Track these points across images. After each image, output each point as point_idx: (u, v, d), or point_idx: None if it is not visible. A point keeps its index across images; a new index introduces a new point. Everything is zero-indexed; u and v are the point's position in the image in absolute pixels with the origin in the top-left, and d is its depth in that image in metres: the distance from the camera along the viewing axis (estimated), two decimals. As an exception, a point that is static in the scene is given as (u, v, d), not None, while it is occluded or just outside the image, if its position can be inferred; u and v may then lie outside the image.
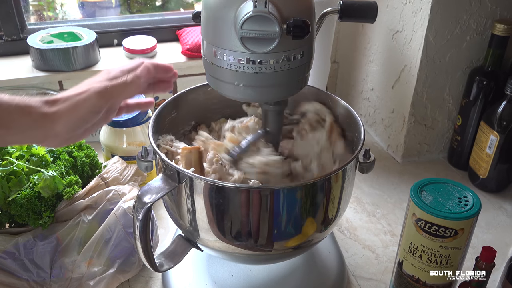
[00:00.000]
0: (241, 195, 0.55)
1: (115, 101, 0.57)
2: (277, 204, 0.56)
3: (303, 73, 0.58)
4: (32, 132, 0.53)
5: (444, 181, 0.67)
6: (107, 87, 0.55)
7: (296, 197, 0.57)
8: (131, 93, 0.58)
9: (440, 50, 0.93)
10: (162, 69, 0.63)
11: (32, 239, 0.72)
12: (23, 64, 1.06)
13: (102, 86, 0.55)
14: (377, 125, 1.12)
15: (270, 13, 0.48)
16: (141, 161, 0.65)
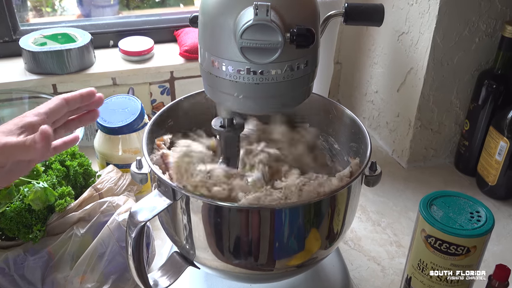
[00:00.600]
0: (241, 215, 0.52)
1: (15, 160, 0.55)
2: (278, 224, 0.53)
3: (308, 83, 0.54)
4: None
5: (455, 194, 0.64)
6: (5, 145, 0.53)
7: (299, 216, 0.53)
8: (30, 157, 0.55)
9: (448, 53, 0.90)
10: (78, 100, 0.61)
11: (22, 253, 0.69)
12: (16, 67, 1.02)
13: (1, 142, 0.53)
14: (381, 129, 1.09)
15: (272, 21, 0.45)
16: (135, 173, 0.62)
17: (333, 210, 0.56)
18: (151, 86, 1.09)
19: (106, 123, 0.82)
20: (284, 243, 0.55)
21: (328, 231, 0.58)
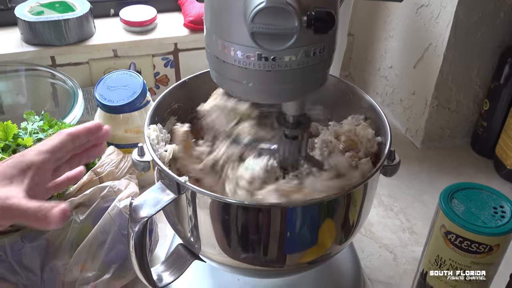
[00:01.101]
0: (250, 213, 0.48)
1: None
2: (291, 222, 0.49)
3: (324, 69, 0.49)
4: None
5: (477, 187, 0.60)
6: (10, 208, 0.47)
7: (313, 215, 0.50)
8: (38, 227, 0.49)
9: (470, 28, 0.84)
10: (84, 135, 0.56)
11: (20, 240, 0.66)
12: (11, 37, 0.97)
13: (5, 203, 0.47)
14: (395, 106, 1.04)
15: (288, 3, 0.40)
16: (137, 161, 0.58)
17: (348, 206, 0.52)
18: (154, 58, 1.03)
19: (106, 101, 0.78)
20: (296, 241, 0.52)
21: (343, 226, 0.54)
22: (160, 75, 1.06)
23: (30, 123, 0.74)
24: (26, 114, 0.75)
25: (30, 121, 0.75)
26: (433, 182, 0.90)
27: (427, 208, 0.84)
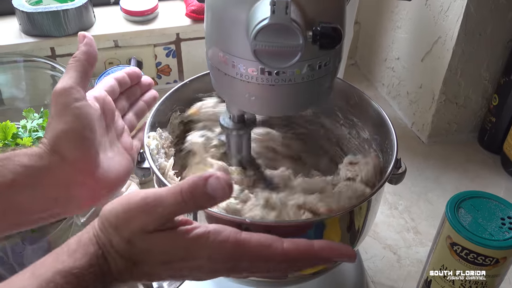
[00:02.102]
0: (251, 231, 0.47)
1: None
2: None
3: (329, 81, 0.48)
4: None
5: (486, 196, 0.58)
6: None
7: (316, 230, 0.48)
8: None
9: (481, 22, 0.81)
10: (127, 77, 0.56)
11: (20, 242, 0.66)
12: (10, 28, 0.95)
13: None
14: (401, 98, 1.02)
15: (292, 20, 0.38)
16: (137, 168, 0.57)
17: (352, 221, 0.51)
18: (156, 48, 1.01)
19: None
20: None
21: (348, 237, 0.53)
22: (162, 65, 1.04)
23: (30, 121, 0.73)
24: (25, 111, 0.73)
25: (29, 119, 0.73)
26: (439, 179, 0.88)
27: (432, 206, 0.83)
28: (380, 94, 1.09)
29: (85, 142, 0.46)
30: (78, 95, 0.46)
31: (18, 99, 0.93)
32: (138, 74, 0.58)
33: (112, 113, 0.53)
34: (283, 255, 0.40)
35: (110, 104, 0.52)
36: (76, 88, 0.46)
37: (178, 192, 0.38)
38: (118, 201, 0.39)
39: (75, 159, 0.45)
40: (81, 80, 0.47)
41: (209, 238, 0.39)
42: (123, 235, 0.38)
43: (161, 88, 1.04)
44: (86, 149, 0.46)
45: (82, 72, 0.47)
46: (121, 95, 0.57)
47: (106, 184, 0.48)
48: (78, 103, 0.46)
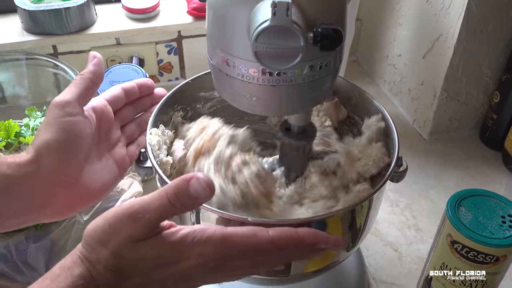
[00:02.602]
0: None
1: None
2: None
3: (331, 81, 0.48)
4: None
5: (486, 194, 0.59)
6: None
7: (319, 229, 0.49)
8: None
9: (483, 20, 0.81)
10: (136, 89, 0.58)
11: (24, 240, 0.66)
12: (12, 26, 0.95)
13: None
14: (402, 95, 1.02)
15: (293, 23, 0.38)
16: (139, 167, 0.57)
17: (353, 219, 0.51)
18: (158, 46, 1.01)
19: (108, 97, 0.76)
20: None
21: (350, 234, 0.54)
22: (164, 63, 1.05)
23: (32, 119, 0.73)
24: (27, 110, 0.74)
25: (32, 117, 0.74)
26: (440, 176, 0.88)
27: (433, 204, 0.83)
28: (381, 91, 1.09)
29: (67, 155, 0.47)
30: (72, 110, 0.48)
31: (21, 97, 0.94)
32: (150, 85, 0.59)
33: (108, 124, 0.54)
34: (269, 243, 0.40)
35: (107, 115, 0.54)
36: (73, 103, 0.48)
37: (164, 195, 0.39)
38: (101, 218, 0.39)
39: (54, 170, 0.46)
40: (81, 96, 0.49)
41: (196, 236, 0.39)
42: (111, 248, 0.38)
43: (163, 85, 1.03)
44: (67, 162, 0.47)
45: (84, 90, 0.49)
46: (128, 105, 0.58)
47: (85, 195, 0.50)
48: (69, 117, 0.47)
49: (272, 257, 0.41)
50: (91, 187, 0.50)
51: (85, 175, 0.49)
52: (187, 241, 0.39)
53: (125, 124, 0.58)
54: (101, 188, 0.51)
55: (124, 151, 0.55)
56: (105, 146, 0.54)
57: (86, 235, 0.39)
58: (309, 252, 0.42)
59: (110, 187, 0.53)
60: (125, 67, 0.80)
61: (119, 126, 0.56)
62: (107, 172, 0.52)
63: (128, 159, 0.55)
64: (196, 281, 0.40)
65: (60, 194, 0.48)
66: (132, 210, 0.38)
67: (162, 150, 0.58)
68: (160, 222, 0.39)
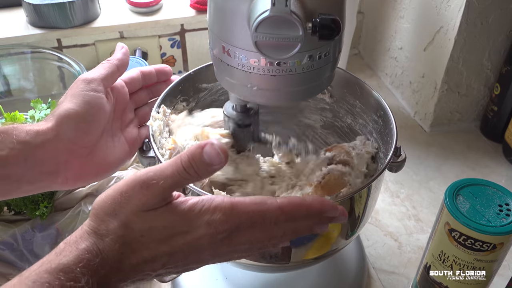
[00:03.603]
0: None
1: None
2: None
3: (330, 71, 0.49)
4: None
5: (484, 183, 0.59)
6: None
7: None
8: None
9: (483, 12, 0.82)
10: (153, 74, 0.61)
11: (30, 229, 0.68)
12: (17, 20, 0.96)
13: None
14: (404, 88, 1.02)
15: (292, 13, 0.39)
16: (142, 157, 0.58)
17: (352, 207, 0.52)
18: (161, 39, 1.02)
19: (112, 89, 0.78)
20: (301, 241, 0.52)
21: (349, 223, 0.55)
22: (167, 56, 1.06)
23: (38, 111, 0.75)
24: (33, 102, 0.75)
25: (37, 109, 0.75)
26: (440, 168, 0.89)
27: (433, 194, 0.84)
28: (383, 83, 1.10)
29: (85, 126, 0.49)
30: (97, 87, 0.50)
31: (26, 90, 0.95)
32: (167, 72, 0.61)
33: (123, 104, 0.56)
34: (278, 209, 0.40)
35: (124, 96, 0.56)
36: (98, 81, 0.51)
37: (179, 162, 0.39)
38: (111, 189, 0.39)
39: (70, 139, 0.48)
40: (105, 77, 0.52)
41: (204, 205, 0.39)
42: (121, 217, 0.38)
43: (166, 78, 1.05)
44: (84, 133, 0.49)
45: (110, 73, 0.53)
46: (144, 88, 0.60)
47: (97, 168, 0.52)
48: (93, 92, 0.50)
49: (281, 228, 0.41)
50: (102, 161, 0.52)
51: (98, 149, 0.51)
52: (196, 209, 0.39)
53: (139, 106, 0.60)
54: (111, 164, 0.53)
55: (135, 132, 0.58)
56: (119, 124, 0.56)
57: (96, 207, 0.39)
58: (318, 222, 0.42)
59: (119, 164, 0.55)
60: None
61: (133, 108, 0.59)
62: (118, 149, 0.54)
63: (139, 139, 0.57)
64: (205, 255, 0.40)
65: (72, 164, 0.49)
66: (146, 177, 0.38)
67: (163, 134, 0.59)
68: (173, 191, 0.39)
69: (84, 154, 0.50)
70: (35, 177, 0.48)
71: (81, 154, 0.50)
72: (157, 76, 0.61)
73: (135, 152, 0.57)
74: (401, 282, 0.71)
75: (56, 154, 0.48)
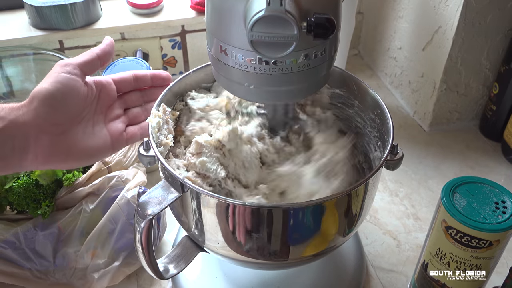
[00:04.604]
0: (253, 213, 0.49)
1: None
2: (293, 221, 0.50)
3: (326, 69, 0.49)
4: None
5: (481, 181, 0.60)
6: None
7: (314, 213, 0.50)
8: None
9: (481, 12, 0.82)
10: (148, 79, 0.62)
11: (32, 228, 0.69)
12: (20, 21, 0.97)
13: None
14: (403, 88, 1.03)
15: (287, 12, 0.40)
16: (142, 155, 0.59)
17: (349, 204, 0.53)
18: (162, 40, 1.03)
19: (113, 89, 0.78)
20: (299, 237, 0.53)
21: (346, 220, 0.55)
22: (168, 57, 1.06)
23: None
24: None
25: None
26: (439, 167, 0.90)
27: (432, 193, 0.85)
28: (383, 83, 1.10)
29: (55, 103, 0.51)
30: (71, 70, 0.53)
31: (29, 91, 0.94)
32: (164, 77, 0.63)
33: (110, 99, 0.58)
34: None
35: (110, 92, 0.58)
36: (73, 65, 0.53)
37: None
38: None
39: (40, 115, 0.50)
40: (83, 63, 0.54)
41: None
42: None
43: (167, 79, 1.06)
44: (53, 109, 0.51)
45: (89, 60, 0.55)
46: (137, 90, 0.62)
47: (68, 150, 0.53)
48: (66, 74, 0.52)
49: None
50: (76, 145, 0.53)
51: (73, 132, 0.53)
52: None
53: (131, 107, 0.61)
54: (86, 150, 0.54)
55: (121, 127, 0.59)
56: (102, 117, 0.57)
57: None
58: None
59: (96, 153, 0.56)
60: (129, 60, 0.82)
61: (123, 107, 0.61)
62: (98, 138, 0.56)
63: (125, 136, 0.59)
64: None
65: (42, 140, 0.51)
66: None
67: (162, 131, 0.59)
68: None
69: (55, 132, 0.52)
70: (7, 153, 0.50)
71: (52, 131, 0.51)
72: (152, 80, 0.62)
73: (118, 147, 0.58)
74: (400, 280, 0.71)
75: (27, 129, 0.50)
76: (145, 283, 0.70)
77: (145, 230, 0.51)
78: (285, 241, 0.52)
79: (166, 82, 0.63)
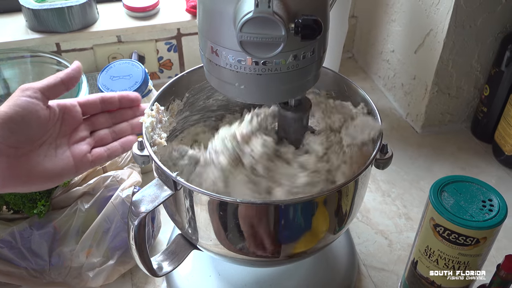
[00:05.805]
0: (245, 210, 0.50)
1: None
2: (284, 217, 0.51)
3: (315, 70, 0.51)
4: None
5: (468, 180, 0.61)
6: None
7: (305, 210, 0.52)
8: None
9: (471, 15, 0.84)
10: (115, 101, 0.62)
11: (28, 227, 0.69)
12: (17, 24, 0.99)
13: None
14: (396, 90, 1.04)
15: (274, 13, 0.41)
16: (137, 155, 0.60)
17: (339, 201, 0.54)
18: (158, 43, 1.05)
19: (108, 91, 0.80)
20: (290, 234, 0.54)
21: (336, 217, 0.56)
22: (164, 60, 1.08)
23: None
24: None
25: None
26: (431, 168, 0.91)
27: (423, 194, 0.86)
28: (376, 86, 1.11)
29: (13, 126, 0.51)
30: (31, 94, 0.53)
31: (26, 93, 0.97)
32: (133, 99, 0.62)
33: (75, 122, 0.58)
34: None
35: (74, 114, 0.58)
36: (34, 89, 0.54)
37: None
38: None
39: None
40: (45, 87, 0.54)
41: None
42: None
43: (163, 82, 1.06)
44: (10, 132, 0.51)
45: (52, 84, 0.55)
46: (106, 113, 0.62)
47: (28, 173, 0.52)
48: (25, 98, 0.52)
49: None
50: (36, 168, 0.53)
51: (34, 155, 0.53)
52: None
53: (99, 129, 0.61)
54: (47, 173, 0.54)
55: (86, 149, 0.58)
56: (66, 140, 0.57)
57: None
58: None
59: (58, 176, 0.55)
60: (125, 62, 0.83)
61: (89, 129, 0.60)
62: (59, 160, 0.55)
63: (90, 157, 0.58)
64: None
65: (1, 162, 0.51)
66: None
67: (156, 131, 0.60)
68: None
69: (14, 154, 0.51)
70: None
71: (10, 154, 0.51)
72: (120, 102, 0.62)
73: (82, 169, 0.58)
74: (391, 279, 0.72)
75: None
76: (140, 282, 0.71)
77: (139, 228, 0.52)
78: (277, 237, 0.53)
79: (135, 103, 0.62)
